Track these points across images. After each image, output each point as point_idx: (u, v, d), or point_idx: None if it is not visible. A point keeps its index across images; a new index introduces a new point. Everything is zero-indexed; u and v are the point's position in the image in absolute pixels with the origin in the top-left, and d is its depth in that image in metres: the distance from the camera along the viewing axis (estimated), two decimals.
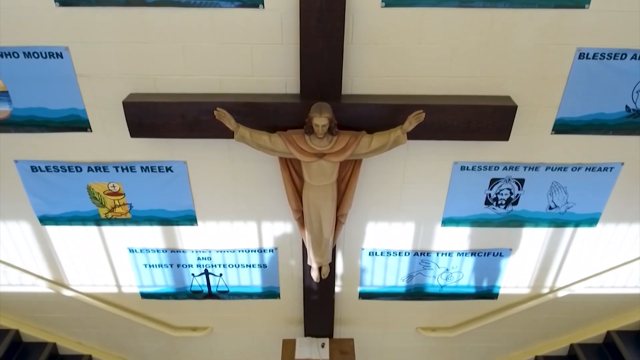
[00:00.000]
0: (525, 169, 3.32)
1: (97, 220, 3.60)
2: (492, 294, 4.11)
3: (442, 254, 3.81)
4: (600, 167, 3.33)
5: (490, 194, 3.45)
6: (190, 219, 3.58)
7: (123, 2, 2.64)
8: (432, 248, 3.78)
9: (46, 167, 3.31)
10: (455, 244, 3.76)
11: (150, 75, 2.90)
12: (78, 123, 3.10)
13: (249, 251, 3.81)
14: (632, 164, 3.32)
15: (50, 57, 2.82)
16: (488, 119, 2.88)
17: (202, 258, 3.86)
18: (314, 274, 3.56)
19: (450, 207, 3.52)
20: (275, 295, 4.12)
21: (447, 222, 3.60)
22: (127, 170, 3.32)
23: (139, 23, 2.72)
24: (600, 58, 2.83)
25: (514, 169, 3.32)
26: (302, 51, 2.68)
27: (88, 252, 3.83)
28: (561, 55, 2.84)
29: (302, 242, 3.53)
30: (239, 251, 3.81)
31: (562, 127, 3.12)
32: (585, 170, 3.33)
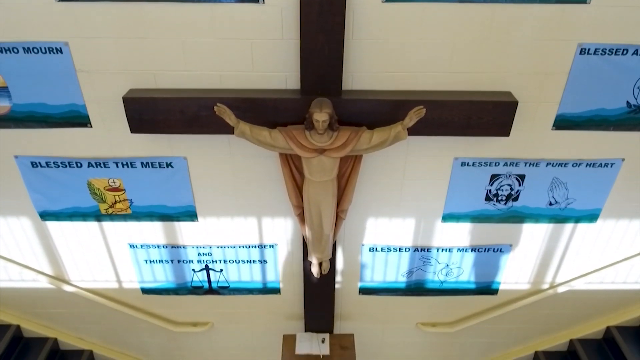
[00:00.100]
0: (525, 165, 3.32)
1: (97, 216, 3.61)
2: (492, 289, 4.12)
3: (443, 249, 3.82)
4: (601, 163, 3.32)
5: (490, 190, 3.45)
6: (190, 214, 3.58)
7: None
8: (432, 244, 3.79)
9: (46, 162, 3.31)
10: (455, 239, 3.76)
11: (150, 70, 2.90)
12: (78, 119, 3.10)
13: (249, 247, 3.82)
14: (633, 160, 3.32)
15: (49, 53, 2.82)
16: (488, 115, 2.87)
17: (203, 254, 3.87)
18: (314, 270, 3.56)
19: (451, 202, 3.52)
20: (276, 290, 4.13)
21: (447, 217, 3.60)
22: (128, 166, 3.32)
23: (139, 18, 2.71)
24: (601, 54, 2.83)
25: (514, 164, 3.32)
26: (303, 46, 2.67)
27: (89, 248, 3.83)
28: (562, 50, 2.83)
29: (303, 238, 3.54)
30: (240, 247, 3.82)
31: (562, 122, 3.11)
32: (586, 166, 3.33)
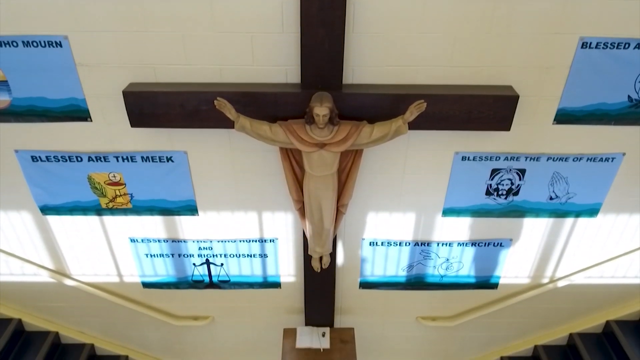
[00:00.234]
0: (526, 159, 3.32)
1: (98, 210, 3.61)
2: (492, 284, 4.13)
3: (443, 244, 3.82)
4: (602, 158, 3.32)
5: (491, 184, 3.45)
6: (191, 209, 3.58)
7: None
8: (432, 238, 3.79)
9: (46, 157, 3.31)
10: (455, 234, 3.76)
11: (150, 64, 2.89)
12: (78, 113, 3.09)
13: (249, 241, 3.82)
14: (633, 155, 3.31)
15: (49, 46, 2.81)
16: (489, 109, 2.87)
17: (203, 248, 3.87)
18: (315, 264, 3.57)
19: (451, 197, 3.52)
20: (276, 285, 4.14)
21: (447, 212, 3.60)
22: (128, 160, 3.32)
23: (139, 12, 2.70)
24: (603, 47, 2.81)
25: (515, 159, 3.31)
26: (303, 40, 2.66)
27: (89, 242, 3.84)
28: (564, 44, 2.82)
29: (303, 232, 3.54)
30: (240, 241, 3.82)
31: (563, 117, 3.10)
32: (587, 160, 3.32)
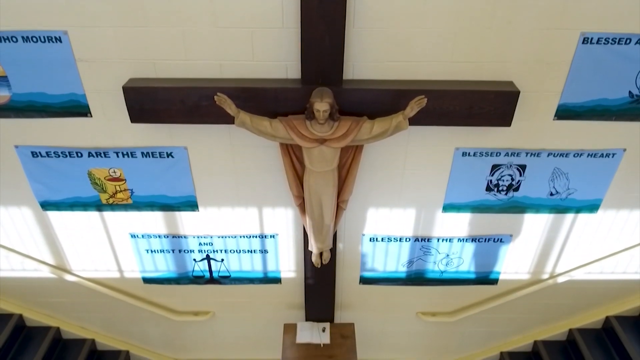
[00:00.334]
0: (526, 155, 3.31)
1: (98, 206, 3.61)
2: (492, 279, 4.13)
3: (443, 239, 3.82)
4: (602, 154, 3.31)
5: (491, 180, 3.45)
6: (191, 204, 3.58)
7: None
8: (432, 234, 3.79)
9: (47, 152, 3.31)
10: (455, 230, 3.77)
11: (150, 59, 2.88)
12: (78, 108, 3.09)
13: (250, 237, 3.83)
14: (634, 150, 3.31)
15: (49, 42, 2.80)
16: (490, 105, 2.86)
17: (204, 243, 3.88)
18: (315, 260, 3.57)
19: (451, 193, 3.51)
20: (277, 280, 4.14)
21: (448, 208, 3.60)
22: (128, 156, 3.32)
23: (139, 7, 2.69)
24: (604, 43, 2.80)
25: (515, 155, 3.31)
26: (303, 35, 2.65)
27: (90, 238, 3.85)
28: (565, 40, 2.81)
29: (303, 228, 3.54)
30: (240, 237, 3.83)
31: (564, 112, 3.10)
32: (587, 156, 3.32)
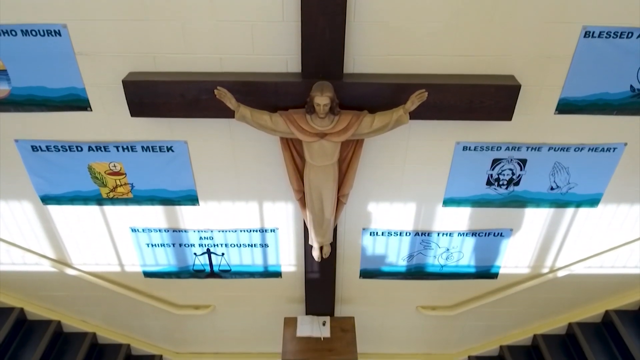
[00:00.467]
0: (527, 149, 3.31)
1: (98, 200, 3.61)
2: (492, 273, 4.14)
3: (443, 234, 3.82)
4: (603, 148, 3.31)
5: (492, 175, 3.45)
6: (191, 198, 3.58)
7: None
8: (433, 228, 3.79)
9: (47, 146, 3.30)
10: (456, 224, 3.77)
11: (149, 53, 2.87)
12: (78, 102, 3.08)
13: (250, 231, 3.83)
14: (635, 145, 3.30)
15: (48, 35, 2.78)
16: (491, 99, 2.85)
17: (204, 238, 3.88)
18: (315, 254, 3.58)
19: (452, 187, 3.51)
20: (277, 274, 4.15)
21: (448, 202, 3.60)
22: (128, 150, 3.32)
23: (138, 0, 2.67)
24: (606, 37, 2.79)
25: (516, 149, 3.30)
26: (303, 29, 2.63)
27: (90, 232, 3.85)
28: (566, 33, 2.79)
29: (304, 222, 3.54)
30: (241, 231, 3.83)
31: (565, 107, 3.09)
32: (588, 150, 3.31)
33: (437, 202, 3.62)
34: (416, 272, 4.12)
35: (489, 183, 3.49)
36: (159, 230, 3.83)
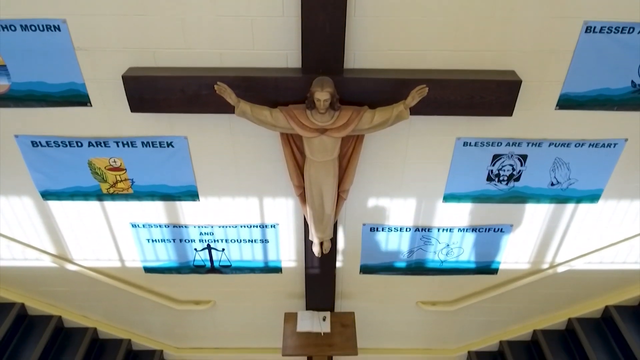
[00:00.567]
0: (528, 145, 3.30)
1: (99, 196, 3.61)
2: (492, 269, 4.14)
3: (443, 229, 3.83)
4: (604, 143, 3.30)
5: (492, 170, 3.44)
6: (192, 194, 3.58)
7: None
8: (433, 224, 3.79)
9: (47, 142, 3.30)
10: (456, 219, 3.77)
11: (149, 48, 2.86)
12: (78, 97, 3.07)
13: (250, 226, 3.83)
14: (636, 140, 3.30)
15: (47, 30, 2.78)
16: (491, 94, 2.84)
17: (205, 233, 3.88)
18: (316, 249, 3.58)
19: (452, 183, 3.51)
20: (277, 270, 4.16)
21: (448, 198, 3.60)
22: (128, 146, 3.31)
23: None
24: (607, 32, 2.78)
25: (516, 144, 3.30)
26: (303, 24, 2.62)
27: (91, 227, 3.85)
28: (568, 28, 2.78)
29: (304, 218, 3.54)
30: (241, 226, 3.83)
31: (566, 102, 3.08)
32: (589, 146, 3.31)
33: (437, 197, 3.62)
34: (416, 268, 4.12)
35: (489, 179, 3.49)
36: (160, 226, 3.83)
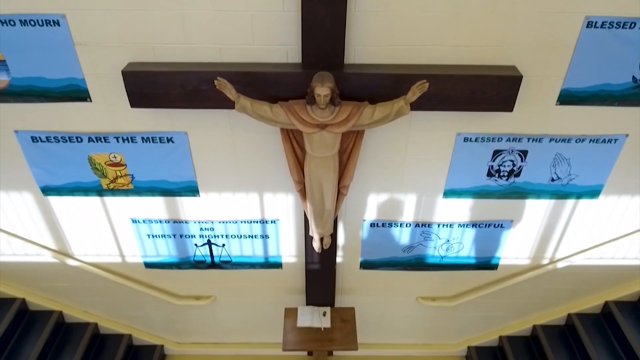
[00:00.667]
0: (528, 141, 3.30)
1: (99, 191, 3.61)
2: (492, 264, 4.15)
3: (443, 225, 3.83)
4: (605, 139, 3.30)
5: (492, 166, 3.44)
6: (192, 190, 3.58)
7: None
8: (433, 219, 3.79)
9: (46, 137, 3.30)
10: (456, 215, 3.77)
11: (149, 43, 2.85)
12: (77, 93, 3.06)
13: (251, 222, 3.83)
14: (636, 136, 3.29)
15: (47, 25, 2.76)
16: (492, 90, 2.84)
17: (205, 229, 3.89)
18: (316, 245, 3.59)
19: (452, 178, 3.51)
20: (278, 265, 4.16)
21: (448, 193, 3.60)
22: (128, 141, 3.31)
23: None
24: (608, 27, 2.77)
25: (517, 140, 3.29)
26: (304, 18, 2.61)
27: (91, 223, 3.86)
28: (569, 23, 2.77)
29: (304, 213, 3.55)
30: (241, 222, 3.83)
31: (567, 98, 3.07)
32: (589, 141, 3.30)
33: (437, 193, 3.62)
34: (416, 263, 4.13)
35: (489, 174, 3.49)
36: (160, 222, 3.83)
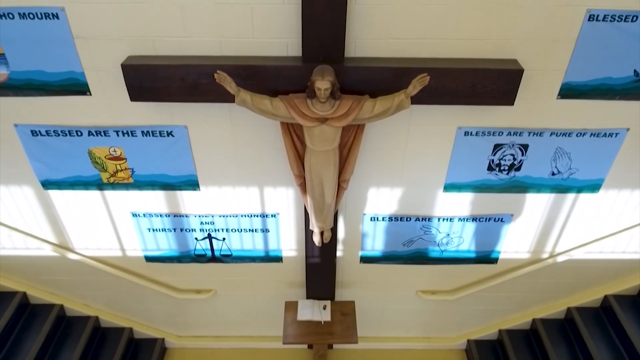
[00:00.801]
0: (529, 135, 3.29)
1: (99, 185, 3.61)
2: (492, 258, 4.15)
3: (444, 219, 3.83)
4: (605, 133, 3.29)
5: (493, 160, 3.43)
6: (192, 184, 3.58)
7: None
8: (433, 213, 3.80)
9: (46, 131, 3.29)
10: (456, 209, 3.77)
11: (148, 36, 2.84)
12: (77, 86, 3.06)
13: (251, 216, 3.84)
14: (637, 130, 3.28)
15: (45, 18, 2.75)
16: (493, 83, 2.83)
17: (205, 222, 3.89)
18: (316, 239, 3.59)
19: (453, 172, 3.51)
20: (278, 259, 4.17)
21: (449, 187, 3.60)
22: (128, 135, 3.30)
23: None
24: (610, 20, 2.75)
25: (518, 134, 3.29)
26: (304, 12, 2.60)
27: (92, 217, 3.86)
28: (570, 16, 2.75)
29: (304, 207, 3.55)
30: (242, 216, 3.84)
31: (568, 91, 3.06)
32: (590, 135, 3.30)
33: (438, 187, 3.62)
34: (416, 257, 4.13)
35: (490, 168, 3.49)
36: (160, 215, 3.83)
